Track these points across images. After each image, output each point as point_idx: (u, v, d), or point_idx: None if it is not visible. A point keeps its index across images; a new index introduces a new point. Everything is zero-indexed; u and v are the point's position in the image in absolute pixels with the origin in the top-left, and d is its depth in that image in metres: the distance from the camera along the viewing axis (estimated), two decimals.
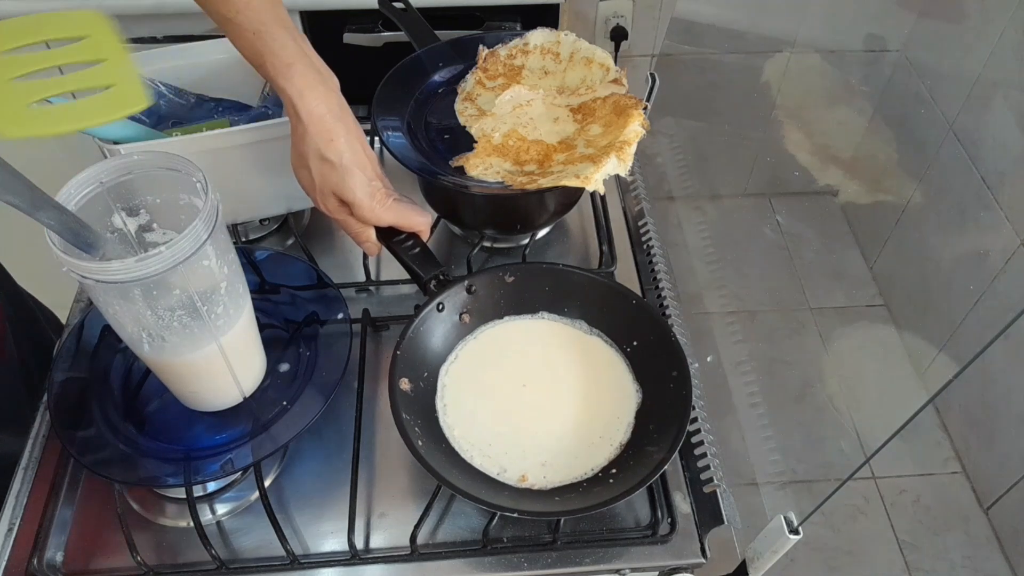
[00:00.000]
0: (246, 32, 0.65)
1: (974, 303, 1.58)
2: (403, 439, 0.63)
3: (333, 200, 0.69)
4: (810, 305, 1.93)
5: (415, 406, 0.68)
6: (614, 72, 0.88)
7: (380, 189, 0.69)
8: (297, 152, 0.69)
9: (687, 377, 0.67)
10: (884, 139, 1.91)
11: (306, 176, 0.69)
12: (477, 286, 0.74)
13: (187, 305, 0.58)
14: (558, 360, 0.74)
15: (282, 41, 0.65)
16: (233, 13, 0.64)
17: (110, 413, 0.68)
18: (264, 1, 0.66)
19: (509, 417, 0.70)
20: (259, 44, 0.65)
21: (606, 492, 0.63)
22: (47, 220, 0.51)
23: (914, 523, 1.62)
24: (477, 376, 0.72)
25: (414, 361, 0.70)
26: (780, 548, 0.63)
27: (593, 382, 0.72)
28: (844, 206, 2.06)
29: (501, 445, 0.68)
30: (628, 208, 0.95)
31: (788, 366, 1.86)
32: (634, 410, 0.70)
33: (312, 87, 0.66)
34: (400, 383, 0.67)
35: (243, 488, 0.70)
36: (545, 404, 0.71)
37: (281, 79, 0.65)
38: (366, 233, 0.72)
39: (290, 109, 0.67)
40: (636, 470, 0.64)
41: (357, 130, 0.69)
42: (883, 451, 0.71)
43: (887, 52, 1.82)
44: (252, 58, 0.66)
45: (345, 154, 0.67)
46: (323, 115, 0.66)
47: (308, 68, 0.66)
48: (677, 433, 0.64)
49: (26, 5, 1.18)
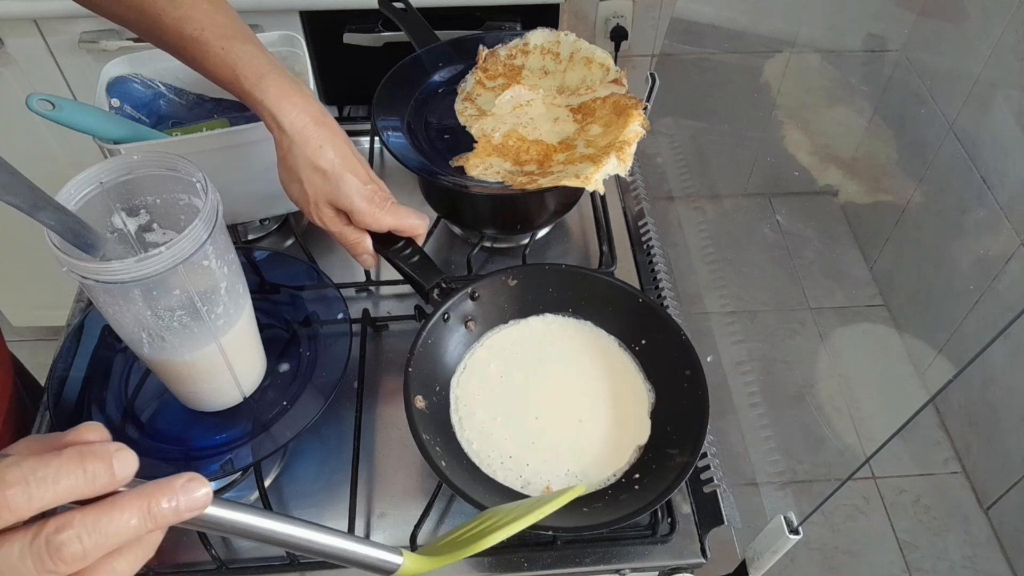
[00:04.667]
0: (213, 48, 0.63)
1: (974, 303, 1.58)
2: (427, 461, 0.61)
3: (329, 211, 0.67)
4: (810, 305, 1.93)
5: (432, 424, 0.66)
6: (614, 72, 0.88)
7: (377, 192, 0.68)
8: (285, 166, 0.66)
9: (701, 375, 0.66)
10: (884, 139, 1.91)
11: (297, 189, 0.67)
12: (480, 292, 0.73)
13: (187, 305, 0.58)
14: (568, 362, 0.73)
15: (251, 53, 0.64)
16: (198, 31, 0.63)
17: (110, 413, 0.68)
18: (227, 17, 0.65)
19: (526, 425, 0.68)
20: (229, 58, 0.63)
21: (634, 500, 0.61)
22: (47, 220, 0.51)
23: (914, 523, 1.62)
24: (489, 385, 0.71)
25: (426, 376, 0.69)
26: (780, 548, 0.63)
27: (606, 383, 0.71)
28: (844, 206, 2.06)
29: (522, 456, 0.66)
30: (628, 208, 0.95)
31: (788, 366, 1.85)
32: (649, 410, 0.69)
33: (288, 96, 0.64)
34: (415, 401, 0.66)
35: (243, 488, 0.70)
36: (561, 409, 0.70)
37: (256, 91, 0.64)
38: (363, 244, 0.69)
39: (270, 122, 0.65)
40: (661, 475, 0.63)
41: (342, 134, 0.67)
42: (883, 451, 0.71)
43: (887, 52, 1.82)
44: (221, 74, 0.65)
45: (336, 160, 0.65)
46: (306, 123, 0.64)
47: (282, 77, 0.65)
48: (698, 435, 0.63)
49: (26, 5, 1.18)
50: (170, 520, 0.36)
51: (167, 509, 0.36)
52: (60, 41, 1.24)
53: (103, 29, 1.22)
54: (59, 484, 0.33)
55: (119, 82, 0.81)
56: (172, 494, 0.36)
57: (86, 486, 0.34)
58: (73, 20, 1.21)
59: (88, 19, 1.21)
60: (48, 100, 0.69)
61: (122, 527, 0.35)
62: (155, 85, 0.83)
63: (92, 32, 1.22)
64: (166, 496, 0.36)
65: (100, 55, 1.23)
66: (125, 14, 0.66)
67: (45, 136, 1.35)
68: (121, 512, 0.35)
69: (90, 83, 0.86)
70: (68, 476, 0.33)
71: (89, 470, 0.34)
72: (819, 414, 1.74)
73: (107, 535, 0.34)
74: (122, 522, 0.35)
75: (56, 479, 0.33)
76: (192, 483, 0.37)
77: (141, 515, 0.35)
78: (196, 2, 0.64)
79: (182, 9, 0.63)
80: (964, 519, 1.62)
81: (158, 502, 0.36)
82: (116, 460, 0.35)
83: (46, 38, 1.24)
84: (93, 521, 0.34)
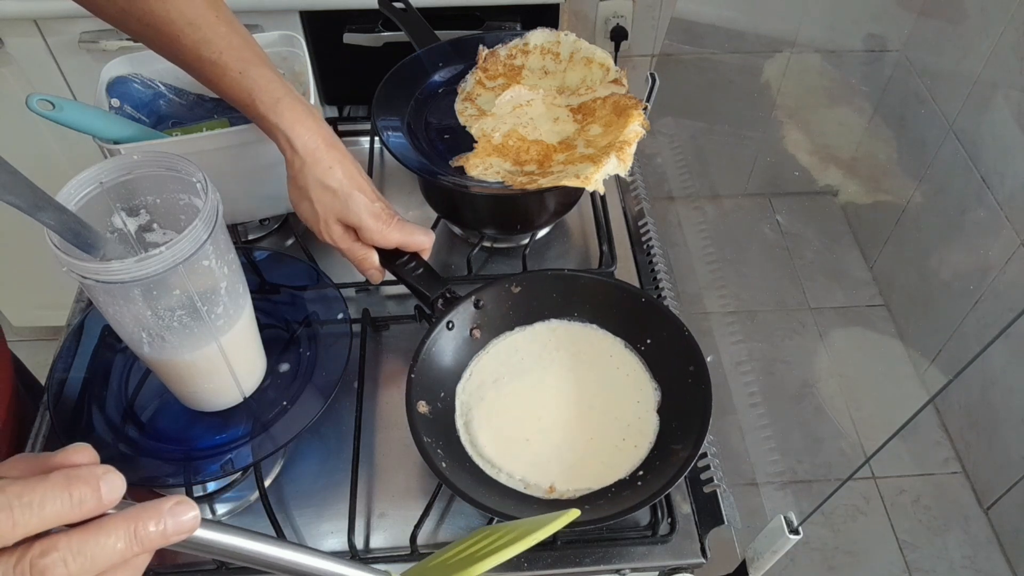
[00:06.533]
0: (231, 72, 0.66)
1: (974, 303, 1.58)
2: (428, 464, 0.62)
3: (338, 228, 0.70)
4: (810, 305, 1.93)
5: (434, 427, 0.67)
6: (614, 72, 0.88)
7: (384, 210, 0.70)
8: (296, 186, 0.69)
9: (705, 371, 0.67)
10: (884, 139, 1.91)
11: (308, 208, 0.70)
12: (484, 300, 0.74)
13: (187, 305, 0.58)
14: (574, 365, 0.73)
15: (268, 77, 0.67)
16: (216, 55, 0.65)
17: (110, 413, 0.68)
18: (242, 40, 0.67)
19: (530, 428, 0.69)
20: (246, 82, 0.66)
21: (635, 496, 0.62)
22: (47, 220, 0.51)
23: (914, 523, 1.62)
24: (494, 390, 0.71)
25: (429, 382, 0.69)
26: (780, 548, 0.63)
27: (611, 384, 0.72)
28: (844, 206, 2.06)
29: (526, 457, 0.67)
30: (628, 208, 0.95)
31: (788, 366, 1.86)
32: (655, 409, 0.70)
33: (302, 120, 0.67)
34: (417, 406, 0.67)
35: (243, 488, 0.70)
36: (565, 411, 0.70)
37: (272, 115, 0.66)
38: (370, 259, 0.72)
39: (284, 144, 0.67)
40: (663, 470, 0.63)
41: (350, 156, 0.70)
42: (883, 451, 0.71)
43: (887, 52, 1.82)
44: (237, 96, 0.67)
45: (345, 180, 0.68)
46: (318, 146, 0.67)
47: (296, 102, 0.67)
48: (701, 429, 0.64)
49: (26, 5, 1.18)
50: (157, 544, 0.36)
51: (154, 532, 0.35)
52: (60, 41, 1.24)
53: (103, 29, 1.22)
54: (44, 509, 0.33)
55: (119, 82, 0.81)
56: (159, 517, 0.36)
57: (72, 511, 0.34)
58: (73, 20, 1.21)
59: (88, 19, 1.20)
60: (48, 100, 0.69)
61: (108, 551, 0.34)
62: (155, 85, 0.83)
63: (92, 32, 1.22)
64: (153, 519, 0.35)
65: (100, 55, 1.23)
66: (143, 32, 0.67)
67: (45, 136, 1.35)
68: (107, 536, 0.34)
69: (90, 83, 0.86)
70: (54, 501, 0.33)
71: (75, 495, 0.34)
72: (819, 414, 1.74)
73: (92, 559, 0.34)
74: (108, 546, 0.34)
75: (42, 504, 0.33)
76: (180, 506, 0.36)
77: (127, 538, 0.35)
78: (214, 25, 0.66)
79: (201, 32, 0.65)
80: (964, 519, 1.62)
81: (145, 525, 0.35)
82: (103, 483, 0.35)
83: (46, 38, 1.24)
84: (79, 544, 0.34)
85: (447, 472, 0.62)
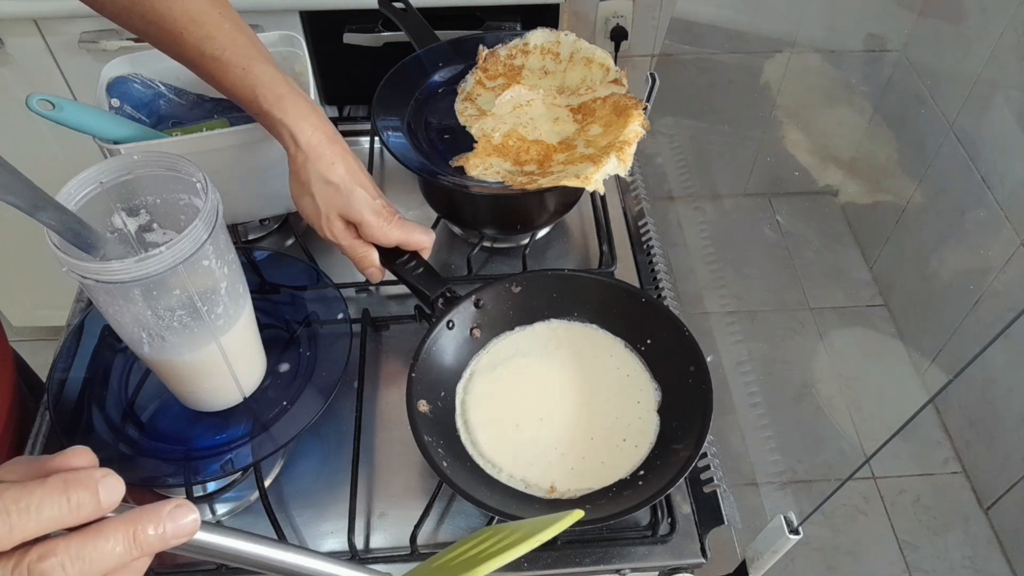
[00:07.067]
0: (234, 69, 0.66)
1: (974, 303, 1.58)
2: (428, 462, 0.62)
3: (339, 223, 0.70)
4: (810, 305, 1.93)
5: (435, 426, 0.67)
6: (614, 72, 0.88)
7: (385, 207, 0.70)
8: (298, 181, 0.69)
9: (705, 371, 0.67)
10: (884, 139, 1.91)
11: (309, 203, 0.70)
12: (485, 300, 0.74)
13: (187, 305, 0.58)
14: (574, 365, 0.73)
15: (271, 74, 0.67)
16: (219, 52, 0.66)
17: (110, 413, 0.68)
18: (245, 37, 0.68)
19: (531, 428, 0.69)
20: (249, 79, 0.66)
21: (636, 496, 0.62)
22: (47, 220, 0.51)
23: (914, 523, 1.62)
24: (494, 390, 0.71)
25: (430, 382, 0.69)
26: (780, 548, 0.63)
27: (612, 384, 0.72)
28: (844, 206, 2.06)
29: (526, 457, 0.67)
30: (628, 208, 0.95)
31: (788, 366, 1.86)
32: (656, 409, 0.70)
33: (305, 116, 0.67)
34: (418, 405, 0.67)
35: (243, 488, 0.70)
36: (566, 411, 0.70)
37: (276, 111, 0.66)
38: (370, 257, 0.72)
39: (287, 139, 0.68)
40: (664, 471, 0.63)
41: (352, 153, 0.70)
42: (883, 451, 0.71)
43: (887, 52, 1.82)
44: (241, 93, 0.67)
45: (347, 176, 0.68)
46: (321, 141, 0.67)
47: (298, 98, 0.68)
48: (701, 428, 0.64)
49: (26, 5, 1.18)
50: (156, 547, 0.35)
51: (153, 536, 0.35)
52: (60, 41, 1.24)
53: (103, 29, 1.22)
54: (42, 514, 0.33)
55: (119, 82, 0.81)
56: (158, 521, 0.35)
57: (70, 515, 0.34)
58: (73, 20, 1.21)
59: (88, 19, 1.21)
60: (48, 100, 0.69)
61: (106, 555, 0.34)
62: (155, 85, 0.83)
63: (92, 32, 1.22)
64: (152, 523, 0.35)
65: (100, 55, 1.23)
66: (146, 29, 0.67)
67: (45, 136, 1.35)
68: (106, 540, 0.34)
69: (90, 83, 0.86)
70: (52, 505, 0.33)
71: (73, 499, 0.34)
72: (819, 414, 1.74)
73: (91, 563, 0.34)
74: (106, 550, 0.34)
75: (39, 509, 0.33)
76: (179, 509, 0.36)
77: (126, 542, 0.35)
78: (218, 23, 0.66)
79: (204, 29, 0.65)
80: (964, 519, 1.62)
81: (144, 529, 0.35)
82: (102, 487, 0.34)
83: (46, 38, 1.24)
84: (77, 548, 0.33)
85: (448, 471, 0.62)
